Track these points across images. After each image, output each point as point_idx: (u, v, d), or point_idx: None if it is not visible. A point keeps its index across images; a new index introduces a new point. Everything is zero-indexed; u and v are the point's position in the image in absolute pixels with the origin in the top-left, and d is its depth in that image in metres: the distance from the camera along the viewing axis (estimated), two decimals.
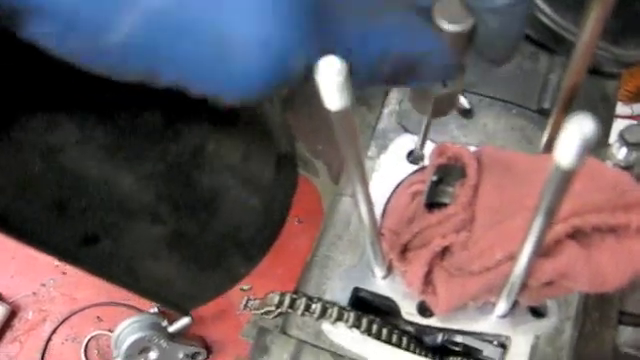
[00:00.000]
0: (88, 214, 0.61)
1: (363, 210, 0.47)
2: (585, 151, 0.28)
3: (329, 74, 0.30)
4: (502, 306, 0.60)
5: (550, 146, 0.65)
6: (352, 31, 0.37)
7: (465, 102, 0.75)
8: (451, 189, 0.60)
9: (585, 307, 0.66)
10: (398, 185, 0.70)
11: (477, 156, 0.58)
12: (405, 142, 0.73)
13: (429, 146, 0.69)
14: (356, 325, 0.63)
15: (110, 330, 1.32)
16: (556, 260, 0.51)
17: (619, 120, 1.52)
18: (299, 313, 0.64)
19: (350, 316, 0.63)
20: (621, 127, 0.70)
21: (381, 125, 0.75)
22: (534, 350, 0.62)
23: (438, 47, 0.42)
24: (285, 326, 0.66)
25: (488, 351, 0.64)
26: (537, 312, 0.63)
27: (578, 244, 0.51)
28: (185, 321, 1.19)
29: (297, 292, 0.67)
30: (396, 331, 0.64)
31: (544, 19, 0.76)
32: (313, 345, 0.64)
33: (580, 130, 0.27)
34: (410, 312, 0.64)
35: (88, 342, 1.34)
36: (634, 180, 0.54)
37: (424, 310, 0.63)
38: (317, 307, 0.64)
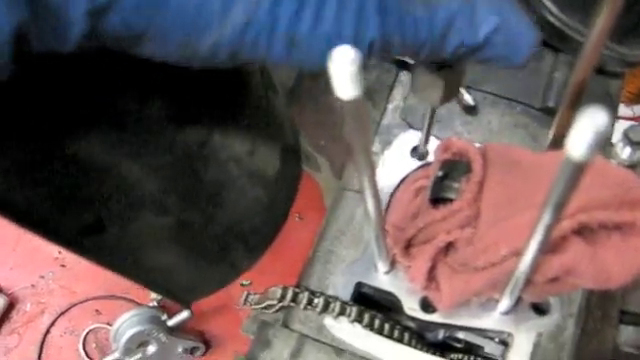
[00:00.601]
0: (94, 203, 0.61)
1: (369, 202, 0.47)
2: (597, 144, 0.28)
3: (342, 63, 0.30)
4: (505, 303, 0.60)
5: (555, 143, 0.65)
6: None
7: (470, 99, 0.75)
8: (456, 185, 0.60)
9: (587, 305, 0.66)
10: (402, 181, 0.70)
11: (482, 152, 0.58)
12: (409, 138, 0.73)
13: (434, 142, 0.69)
14: (358, 320, 0.63)
15: (109, 323, 1.32)
16: (562, 256, 0.51)
17: (621, 121, 1.52)
18: (301, 307, 0.64)
19: (352, 311, 0.63)
20: (623, 128, 0.71)
21: (385, 121, 0.75)
22: (536, 347, 0.62)
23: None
24: (287, 320, 0.66)
25: (490, 348, 0.64)
26: (540, 309, 0.63)
27: (584, 241, 0.51)
28: (184, 315, 1.19)
29: (299, 286, 0.67)
30: (398, 327, 0.64)
31: (550, 17, 0.75)
32: (315, 339, 0.64)
33: (593, 123, 0.27)
34: (412, 308, 0.64)
35: (86, 335, 1.34)
36: (639, 178, 0.54)
37: (427, 306, 0.63)
38: (319, 301, 0.64)
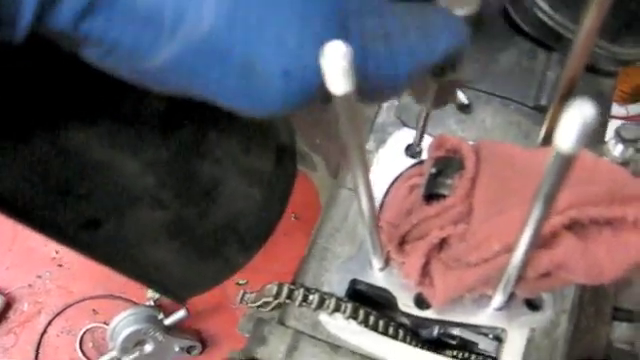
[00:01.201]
0: (91, 198, 0.61)
1: (363, 198, 0.47)
2: (585, 136, 0.28)
3: (334, 58, 0.30)
4: (498, 298, 0.60)
5: (547, 140, 0.65)
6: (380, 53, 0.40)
7: (464, 97, 0.76)
8: (449, 181, 0.60)
9: (580, 301, 0.66)
10: (396, 178, 0.70)
11: (475, 149, 0.59)
12: (404, 136, 0.74)
13: (427, 140, 0.70)
14: (353, 316, 0.63)
15: (106, 323, 1.32)
16: (553, 251, 0.51)
17: (614, 121, 1.53)
18: (297, 304, 0.64)
19: (347, 307, 0.63)
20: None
21: (380, 119, 0.76)
22: (530, 343, 0.62)
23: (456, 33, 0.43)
24: (283, 317, 0.66)
25: (484, 344, 0.65)
26: (533, 305, 0.63)
27: (575, 236, 0.52)
28: (181, 314, 1.19)
29: (295, 283, 0.67)
30: (392, 323, 0.65)
31: (542, 16, 0.76)
32: (310, 336, 0.64)
33: (581, 115, 0.27)
34: (407, 304, 0.64)
35: (83, 335, 1.34)
36: (630, 174, 0.55)
37: (421, 302, 0.64)
38: (315, 298, 0.64)
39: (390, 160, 0.72)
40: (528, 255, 0.48)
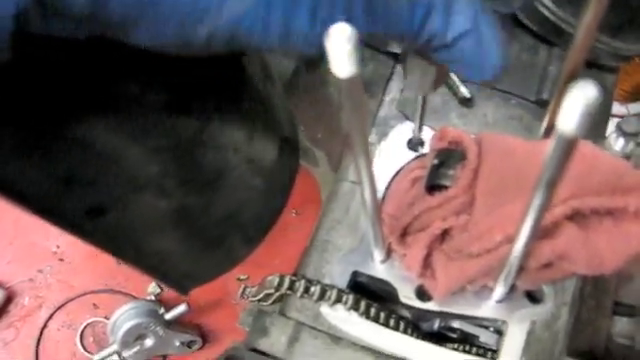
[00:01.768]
0: (95, 186, 0.61)
1: (366, 186, 0.47)
2: (588, 118, 0.28)
3: (339, 41, 0.31)
4: (500, 290, 0.60)
5: (548, 134, 0.66)
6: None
7: (466, 92, 0.76)
8: (452, 172, 0.60)
9: (581, 294, 0.66)
10: (398, 171, 0.70)
11: (477, 141, 0.59)
12: (405, 129, 0.74)
13: (429, 134, 0.70)
14: (355, 308, 0.63)
15: (106, 317, 1.32)
16: (555, 241, 0.52)
17: (614, 119, 1.53)
18: (298, 295, 0.65)
19: (349, 298, 0.64)
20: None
21: (382, 112, 0.76)
22: (530, 335, 0.62)
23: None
24: (284, 308, 0.66)
25: (484, 337, 0.65)
26: (534, 298, 0.64)
27: (576, 226, 0.52)
28: (181, 309, 1.19)
29: (296, 275, 0.67)
30: (394, 315, 0.65)
31: (544, 11, 0.76)
32: (311, 327, 0.64)
33: (584, 95, 0.28)
34: (408, 296, 0.64)
35: (84, 329, 1.34)
36: (631, 166, 0.55)
37: (422, 294, 0.64)
38: (316, 289, 0.64)
39: (392, 153, 0.72)
40: (530, 245, 0.48)
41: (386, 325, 0.64)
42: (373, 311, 0.64)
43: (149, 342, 1.20)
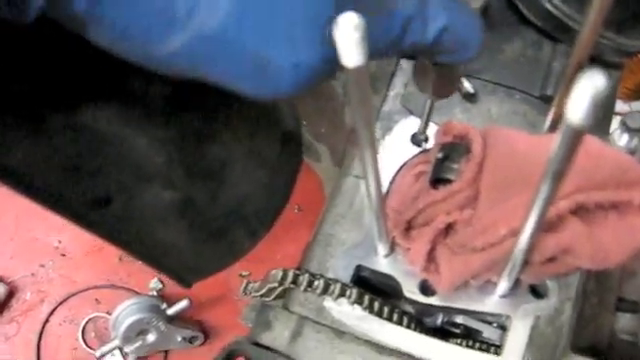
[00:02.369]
0: (101, 176, 0.61)
1: (371, 179, 0.47)
2: (596, 106, 0.28)
3: (347, 30, 0.31)
4: (504, 285, 0.60)
5: (553, 129, 0.66)
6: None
7: (469, 87, 0.76)
8: (456, 166, 0.60)
9: (585, 290, 0.66)
10: (402, 166, 0.70)
11: (482, 135, 0.59)
12: (410, 124, 0.74)
13: (433, 129, 0.70)
14: (358, 302, 0.63)
15: (108, 312, 1.33)
16: (559, 235, 0.51)
17: (618, 117, 1.53)
18: (302, 289, 0.64)
19: (353, 292, 0.63)
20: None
21: (386, 107, 0.76)
22: (534, 330, 0.62)
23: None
24: (287, 302, 0.66)
25: (488, 332, 0.65)
26: (538, 293, 0.63)
27: (581, 220, 0.52)
28: (183, 304, 1.19)
29: (300, 269, 0.67)
30: (397, 310, 0.65)
31: (549, 7, 0.76)
32: (315, 321, 0.64)
33: (592, 85, 0.27)
34: (412, 290, 0.64)
35: (86, 324, 1.34)
36: (636, 161, 0.55)
37: (426, 289, 0.64)
38: (320, 283, 0.64)
39: (396, 148, 0.72)
40: (534, 238, 0.48)
41: (389, 319, 0.64)
42: (377, 305, 0.64)
43: (151, 337, 1.20)
